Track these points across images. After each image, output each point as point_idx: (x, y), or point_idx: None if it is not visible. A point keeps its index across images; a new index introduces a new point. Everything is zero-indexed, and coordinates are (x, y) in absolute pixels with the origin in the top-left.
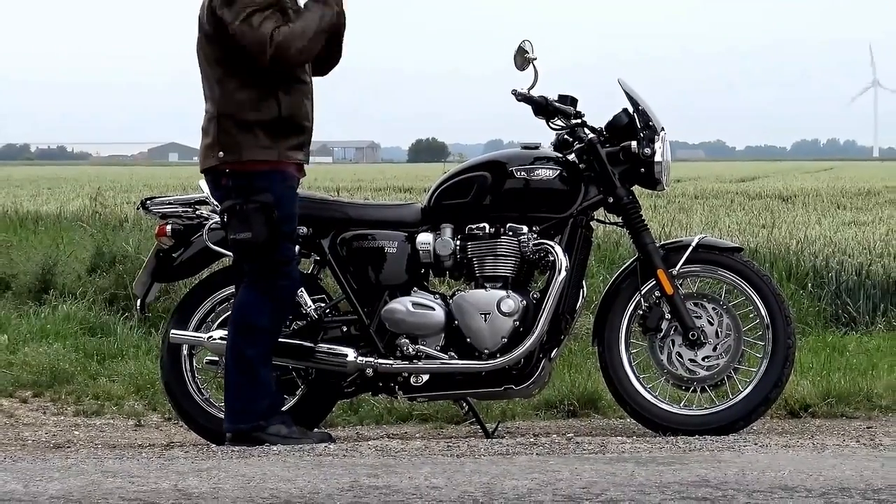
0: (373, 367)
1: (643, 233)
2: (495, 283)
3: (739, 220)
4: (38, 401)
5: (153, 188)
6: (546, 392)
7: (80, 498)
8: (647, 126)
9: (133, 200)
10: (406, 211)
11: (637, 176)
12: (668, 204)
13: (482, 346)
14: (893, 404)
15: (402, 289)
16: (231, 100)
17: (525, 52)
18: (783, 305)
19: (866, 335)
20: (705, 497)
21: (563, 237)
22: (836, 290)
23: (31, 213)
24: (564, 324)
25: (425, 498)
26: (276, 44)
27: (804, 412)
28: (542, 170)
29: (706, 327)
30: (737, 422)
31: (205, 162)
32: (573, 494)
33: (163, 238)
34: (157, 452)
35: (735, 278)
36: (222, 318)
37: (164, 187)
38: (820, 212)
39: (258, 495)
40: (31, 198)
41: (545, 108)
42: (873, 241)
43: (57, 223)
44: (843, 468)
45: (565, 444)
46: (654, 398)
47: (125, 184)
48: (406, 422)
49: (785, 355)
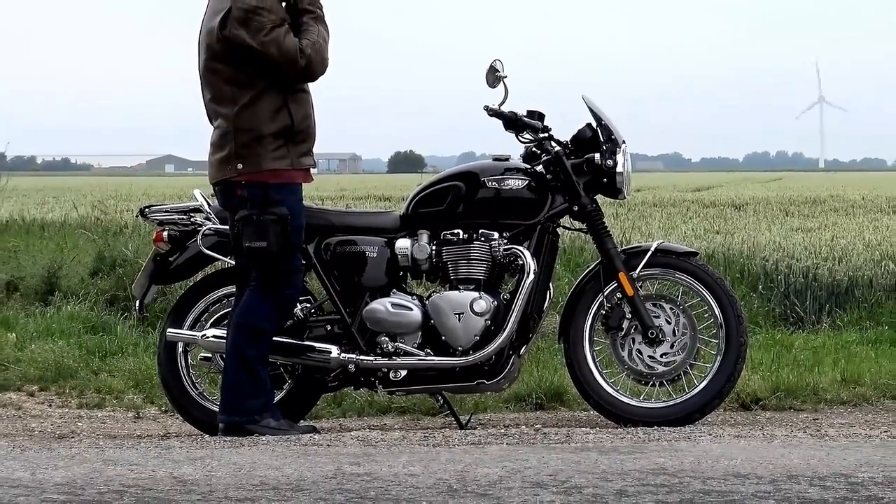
0: (355, 363)
1: (605, 238)
2: (468, 285)
3: (695, 227)
4: (43, 394)
5: (151, 197)
6: (515, 386)
7: (83, 485)
8: (609, 139)
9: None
10: (385, 218)
11: (600, 185)
12: (628, 212)
13: (456, 344)
14: (838, 398)
15: (381, 290)
16: (246, 114)
17: (496, 71)
18: (735, 306)
19: (812, 334)
20: (663, 484)
21: (531, 242)
22: (784, 292)
23: (38, 220)
24: (532, 323)
25: (403, 484)
26: (306, 55)
27: (755, 405)
28: (512, 180)
29: (664, 326)
30: (692, 414)
31: (218, 174)
32: (540, 481)
33: (160, 243)
34: (154, 442)
35: (691, 281)
36: (215, 317)
37: (162, 196)
38: (770, 219)
39: (248, 482)
40: (38, 206)
41: (515, 123)
42: (819, 247)
43: (61, 229)
44: (791, 457)
45: (533, 434)
46: (615, 392)
47: (125, 193)
48: (385, 414)
49: (737, 352)
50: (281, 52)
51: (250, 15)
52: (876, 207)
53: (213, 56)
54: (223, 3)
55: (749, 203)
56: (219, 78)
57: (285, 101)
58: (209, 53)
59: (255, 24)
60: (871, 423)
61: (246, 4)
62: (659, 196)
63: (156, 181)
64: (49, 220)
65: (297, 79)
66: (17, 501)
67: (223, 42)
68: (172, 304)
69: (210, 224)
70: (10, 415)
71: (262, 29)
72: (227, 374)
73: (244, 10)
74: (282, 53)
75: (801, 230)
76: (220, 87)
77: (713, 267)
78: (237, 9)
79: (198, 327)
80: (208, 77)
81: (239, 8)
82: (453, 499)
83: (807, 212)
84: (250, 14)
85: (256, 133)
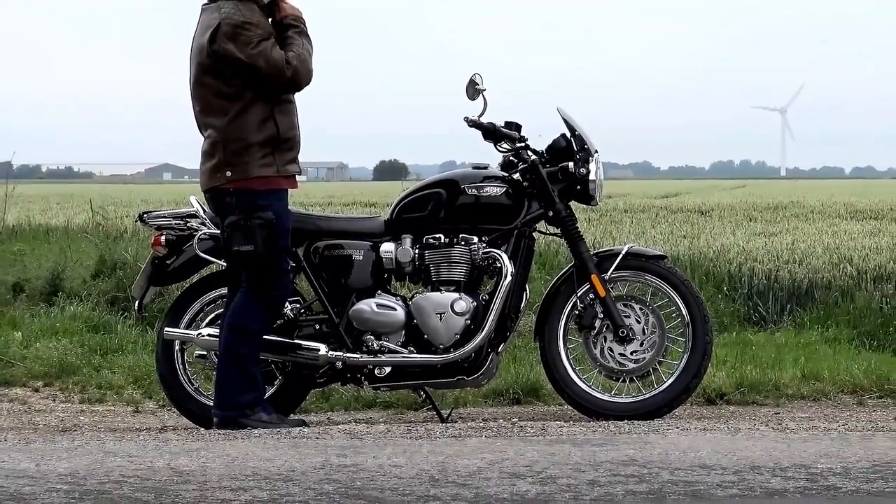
0: (342, 360)
1: (579, 242)
2: (449, 287)
3: (663, 232)
4: (48, 390)
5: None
6: (494, 382)
7: (86, 475)
8: (582, 149)
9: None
10: (371, 223)
11: (574, 192)
12: (600, 217)
13: (438, 342)
14: (798, 393)
15: (367, 292)
16: (234, 125)
17: (476, 84)
18: (702, 306)
19: (774, 332)
20: (633, 474)
21: (508, 246)
22: (748, 293)
23: (42, 226)
24: (510, 322)
25: (388, 475)
26: (293, 67)
27: (720, 400)
28: (491, 187)
29: (634, 325)
30: (661, 408)
31: (209, 182)
32: (517, 472)
33: (158, 247)
34: (152, 435)
35: (660, 282)
36: (210, 317)
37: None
38: (734, 224)
39: (241, 473)
40: (42, 212)
41: (493, 133)
42: (781, 250)
43: (65, 234)
44: (754, 449)
45: (510, 427)
46: (588, 387)
47: (125, 199)
48: (371, 408)
49: (703, 350)
50: (268, 64)
51: (238, 30)
52: (834, 213)
53: (203, 70)
54: (213, 19)
55: (714, 209)
56: (209, 91)
57: (272, 111)
58: (200, 68)
59: (243, 38)
60: (830, 417)
61: (234, 20)
62: (629, 202)
63: (154, 188)
64: (53, 226)
65: (284, 89)
66: (22, 491)
67: (213, 56)
68: (169, 305)
69: (205, 229)
70: (16, 409)
71: (250, 43)
72: (221, 371)
73: (232, 26)
74: (269, 65)
75: (764, 234)
76: (210, 99)
77: (680, 269)
78: (226, 24)
79: (193, 326)
80: (199, 90)
81: (227, 24)
82: (435, 488)
83: (769, 217)
84: (238, 29)
85: (244, 142)
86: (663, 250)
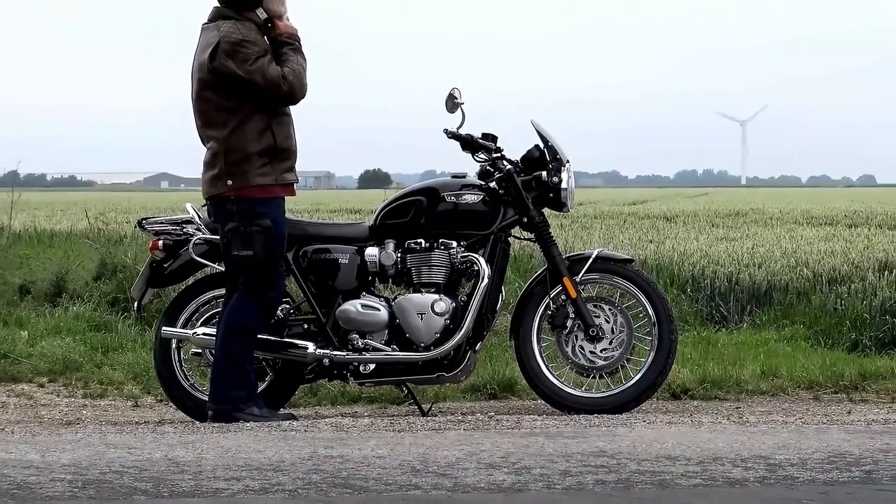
0: (329, 357)
1: (552, 247)
2: (430, 288)
3: (631, 237)
4: (52, 385)
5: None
6: (471, 378)
7: (88, 466)
8: (555, 159)
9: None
10: (356, 229)
11: (547, 200)
12: (572, 223)
13: (419, 341)
14: (758, 388)
15: (353, 293)
16: (234, 136)
17: (454, 98)
18: (667, 307)
19: (735, 331)
20: (603, 465)
21: (485, 250)
22: (710, 294)
23: (47, 231)
24: (487, 322)
25: (372, 465)
26: (288, 82)
27: (684, 395)
28: (469, 195)
29: (604, 325)
30: (629, 403)
31: (210, 190)
32: (493, 463)
33: (155, 251)
34: (150, 428)
35: (627, 284)
36: (205, 317)
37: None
38: (697, 229)
39: (234, 463)
40: (47, 218)
41: (471, 144)
42: (741, 254)
43: (68, 239)
44: (716, 441)
45: (487, 421)
46: (560, 383)
47: (124, 206)
48: (356, 403)
49: (668, 348)
50: (265, 79)
51: (237, 47)
52: (792, 219)
53: (204, 85)
54: (212, 38)
55: (679, 215)
56: (210, 105)
57: (269, 123)
58: (201, 83)
59: (241, 55)
60: (788, 411)
61: (233, 38)
62: (599, 209)
63: (152, 196)
64: (57, 231)
65: (280, 102)
66: (28, 480)
67: (213, 72)
68: (167, 305)
69: (200, 234)
70: (22, 403)
71: (248, 59)
72: (216, 368)
73: (231, 44)
74: (266, 80)
75: (725, 239)
76: (211, 112)
77: (647, 272)
78: (225, 42)
79: (189, 326)
80: (200, 104)
81: (226, 41)
82: (416, 478)
83: (730, 223)
84: (237, 46)
85: (244, 153)
86: (631, 254)
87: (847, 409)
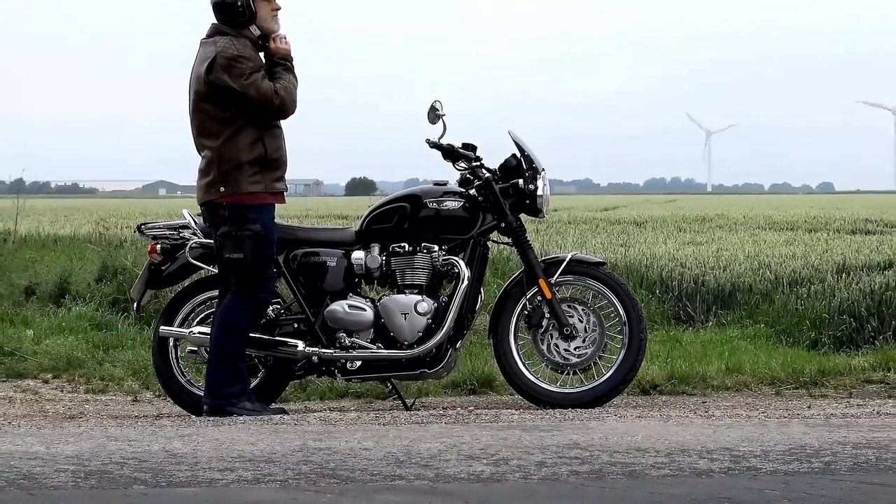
0: (317, 355)
1: (528, 250)
2: (413, 290)
3: (603, 241)
4: (56, 381)
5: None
6: (452, 374)
7: (90, 457)
8: (531, 167)
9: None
10: (343, 233)
11: (523, 206)
12: (547, 228)
13: (403, 339)
14: (723, 384)
15: (340, 294)
16: (228, 146)
17: (436, 110)
18: (637, 307)
19: (701, 330)
20: (576, 456)
21: (465, 254)
22: (678, 295)
23: (51, 236)
24: (467, 321)
25: (359, 457)
26: (280, 97)
27: (653, 390)
28: (450, 201)
29: (577, 324)
30: (601, 398)
31: (205, 196)
32: (473, 454)
33: (154, 255)
34: (149, 422)
35: (600, 286)
36: (201, 316)
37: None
38: (665, 234)
39: (228, 455)
40: (51, 223)
41: (452, 154)
42: (707, 257)
43: (71, 243)
44: (683, 434)
45: (467, 415)
46: (536, 379)
47: (124, 212)
48: (343, 398)
49: (638, 346)
50: (259, 93)
51: (232, 62)
52: (755, 224)
53: (200, 97)
54: (209, 52)
55: (648, 221)
56: (205, 116)
57: (261, 135)
58: (197, 95)
59: (236, 70)
60: (751, 406)
61: (229, 54)
62: (573, 215)
63: (151, 202)
64: (61, 236)
65: (271, 116)
66: (34, 471)
67: (209, 85)
68: (165, 306)
69: (196, 238)
70: (28, 399)
71: (243, 74)
72: (210, 365)
73: (227, 59)
74: (259, 95)
75: (692, 244)
76: (207, 123)
77: (618, 274)
78: (221, 57)
79: (186, 325)
80: (196, 115)
81: (223, 56)
82: (400, 469)
83: (697, 228)
84: (232, 62)
85: (236, 161)
86: (603, 257)
87: (807, 404)
